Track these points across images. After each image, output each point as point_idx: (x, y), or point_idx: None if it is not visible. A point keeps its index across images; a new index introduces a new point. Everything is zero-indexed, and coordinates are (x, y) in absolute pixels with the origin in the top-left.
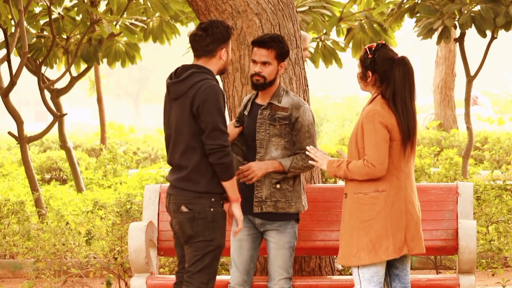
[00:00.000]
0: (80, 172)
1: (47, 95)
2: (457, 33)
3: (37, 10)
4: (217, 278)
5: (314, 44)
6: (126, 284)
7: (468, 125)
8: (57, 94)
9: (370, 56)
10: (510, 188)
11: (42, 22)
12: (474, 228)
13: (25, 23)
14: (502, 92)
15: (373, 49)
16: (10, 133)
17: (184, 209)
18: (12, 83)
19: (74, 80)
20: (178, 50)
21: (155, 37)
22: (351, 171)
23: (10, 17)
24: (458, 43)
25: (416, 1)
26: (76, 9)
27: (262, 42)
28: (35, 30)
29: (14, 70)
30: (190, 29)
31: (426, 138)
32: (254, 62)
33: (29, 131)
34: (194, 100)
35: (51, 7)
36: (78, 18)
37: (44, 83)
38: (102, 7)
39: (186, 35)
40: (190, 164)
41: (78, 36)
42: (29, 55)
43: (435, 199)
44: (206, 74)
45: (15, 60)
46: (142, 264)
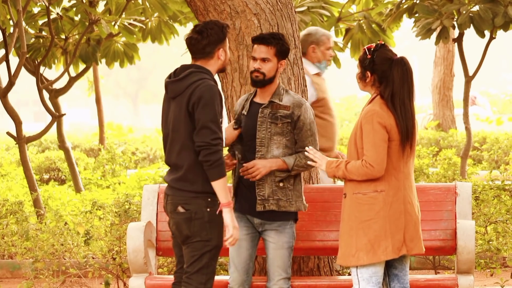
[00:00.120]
0: (78, 172)
1: (46, 95)
2: (455, 33)
3: (35, 10)
4: (215, 278)
5: None
6: (124, 284)
7: (466, 125)
8: (55, 94)
9: (369, 56)
10: (509, 188)
11: (40, 22)
12: (472, 228)
13: (23, 23)
14: (500, 92)
15: (372, 49)
16: (8, 133)
17: (180, 209)
18: (10, 83)
19: (72, 80)
20: (177, 50)
21: (154, 37)
22: (350, 172)
23: (8, 17)
24: (456, 43)
25: (414, 1)
26: (74, 9)
27: (262, 39)
28: (34, 30)
29: (12, 70)
30: (188, 29)
31: (424, 138)
32: (254, 59)
33: (27, 131)
34: (190, 98)
35: (50, 7)
36: (77, 18)
37: (42, 83)
38: (100, 8)
39: (183, 38)
40: (185, 163)
41: (77, 36)
42: (27, 55)
43: (434, 199)
44: (204, 74)
45: (14, 60)
46: (140, 264)
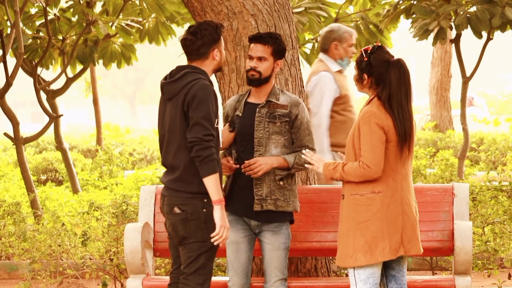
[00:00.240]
0: (76, 173)
1: (43, 96)
2: (453, 34)
3: (33, 11)
4: (213, 279)
5: (310, 45)
6: (122, 285)
7: (464, 126)
8: (53, 95)
9: (365, 59)
10: (506, 189)
11: (38, 23)
12: (470, 229)
13: (21, 24)
14: (498, 93)
15: (368, 52)
16: (6, 134)
17: (177, 210)
18: (8, 84)
19: (70, 81)
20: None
21: (151, 38)
22: (347, 173)
23: (6, 18)
24: (454, 44)
25: (412, 2)
26: (72, 10)
27: (260, 38)
28: (31, 31)
29: (10, 71)
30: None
31: (422, 139)
32: (250, 58)
33: (25, 132)
34: (185, 98)
35: (47, 8)
36: (74, 19)
37: (40, 84)
38: (98, 8)
39: (178, 39)
40: (181, 164)
41: (74, 37)
42: (25, 56)
43: (431, 200)
44: (200, 74)
45: (11, 61)
46: (138, 265)
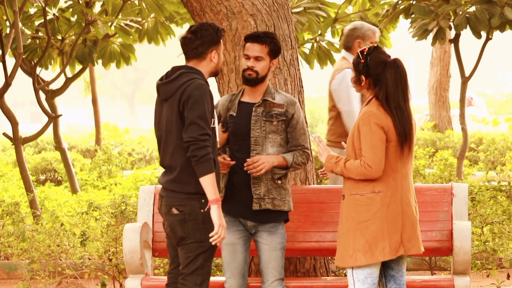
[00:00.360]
0: (75, 173)
1: (42, 96)
2: (452, 34)
3: (32, 11)
4: (211, 279)
5: (309, 45)
6: (120, 285)
7: (463, 126)
8: (52, 95)
9: (362, 60)
10: (505, 189)
11: (37, 23)
12: (468, 229)
13: (20, 24)
14: (497, 93)
15: (365, 53)
16: (5, 134)
17: (174, 211)
18: (7, 84)
19: (69, 81)
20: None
21: (150, 38)
22: (348, 169)
23: (5, 18)
24: (453, 44)
25: (411, 2)
26: (71, 10)
27: (257, 37)
28: (30, 31)
29: (9, 71)
30: (185, 30)
31: (421, 139)
32: (247, 57)
33: (24, 132)
34: (181, 98)
35: (46, 8)
36: (73, 19)
37: (39, 84)
38: (97, 8)
39: (178, 39)
40: (178, 164)
41: (73, 37)
42: (24, 56)
43: (430, 200)
44: (195, 74)
45: (10, 61)
46: (136, 265)
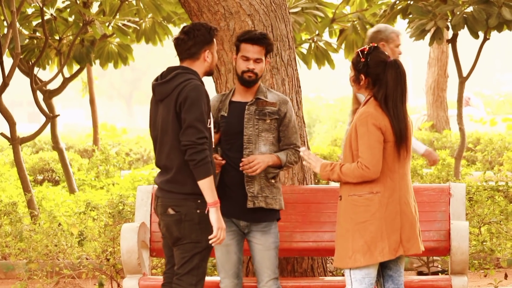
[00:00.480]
0: (72, 173)
1: (40, 96)
2: (449, 34)
3: (29, 11)
4: (207, 279)
5: (306, 45)
6: (118, 285)
7: (460, 126)
8: (49, 95)
9: (362, 59)
10: (503, 189)
11: (34, 23)
12: (466, 229)
13: (17, 24)
14: (494, 93)
15: (365, 52)
16: (2, 134)
17: (170, 211)
18: (4, 84)
19: (66, 81)
20: (171, 51)
21: (148, 38)
22: (345, 174)
23: (2, 18)
24: (450, 44)
25: (408, 2)
26: (68, 10)
27: (257, 40)
28: (28, 31)
29: (6, 71)
30: None
31: (418, 139)
32: (247, 59)
33: (21, 132)
34: (177, 99)
35: (44, 8)
36: (71, 19)
37: (36, 84)
38: (94, 8)
39: (171, 40)
40: (175, 165)
41: (71, 37)
42: (21, 56)
43: (428, 200)
44: (191, 74)
45: (8, 61)
46: (134, 265)
